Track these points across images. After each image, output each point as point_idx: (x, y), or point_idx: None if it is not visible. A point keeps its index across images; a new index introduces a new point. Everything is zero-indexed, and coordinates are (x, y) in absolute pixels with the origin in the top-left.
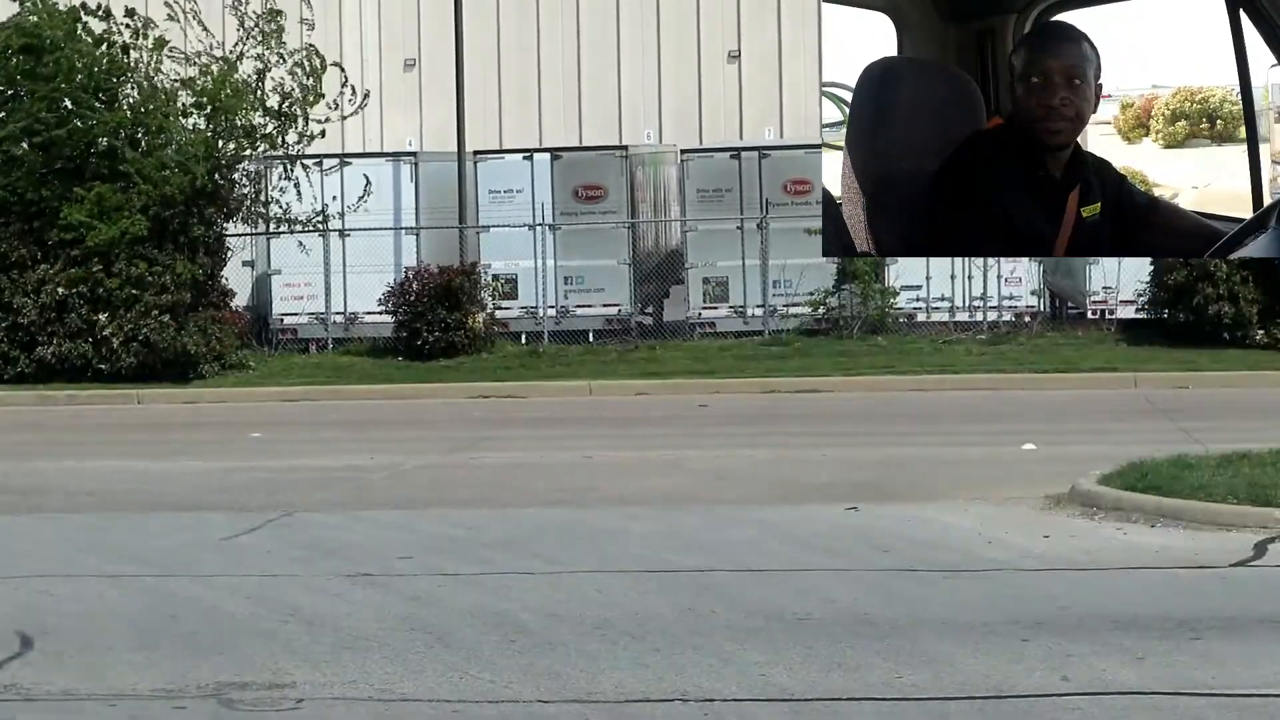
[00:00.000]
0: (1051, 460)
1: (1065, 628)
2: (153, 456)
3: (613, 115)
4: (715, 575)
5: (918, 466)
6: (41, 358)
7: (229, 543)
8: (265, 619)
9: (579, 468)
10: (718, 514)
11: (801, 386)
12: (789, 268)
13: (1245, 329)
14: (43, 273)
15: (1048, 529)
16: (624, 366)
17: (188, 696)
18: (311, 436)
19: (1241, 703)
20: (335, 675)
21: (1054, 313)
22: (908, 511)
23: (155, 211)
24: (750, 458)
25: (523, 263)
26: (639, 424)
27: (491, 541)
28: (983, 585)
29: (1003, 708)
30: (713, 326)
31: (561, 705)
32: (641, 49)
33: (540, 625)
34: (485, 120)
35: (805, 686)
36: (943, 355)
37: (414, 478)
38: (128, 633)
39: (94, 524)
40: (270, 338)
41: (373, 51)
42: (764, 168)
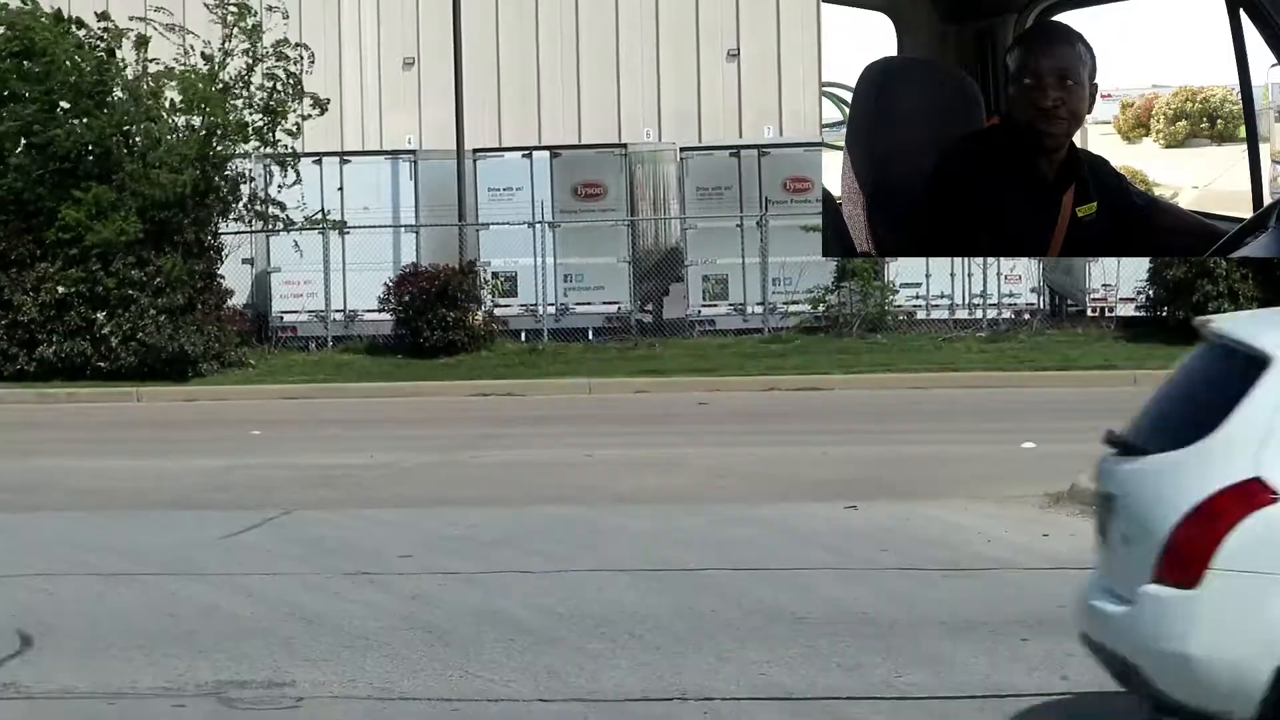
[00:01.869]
0: (1051, 458)
1: (1065, 626)
2: (152, 455)
3: (612, 113)
4: (715, 574)
5: (917, 464)
6: (41, 355)
7: (228, 541)
8: (265, 617)
9: (579, 466)
10: (717, 512)
11: (801, 384)
12: (788, 265)
13: None
14: (42, 271)
15: (1047, 527)
16: (623, 364)
17: (187, 695)
18: (311, 434)
19: None
20: (334, 674)
21: (1054, 310)
22: (907, 510)
23: (150, 213)
24: (750, 456)
25: (522, 261)
26: (638, 422)
27: (491, 540)
28: (982, 584)
29: (1002, 707)
30: (712, 324)
31: (561, 704)
32: (641, 47)
33: (540, 624)
34: (484, 118)
35: (805, 685)
36: (942, 353)
37: (414, 476)
38: (127, 631)
39: (94, 522)
40: (270, 336)
41: (371, 49)
42: (763, 166)
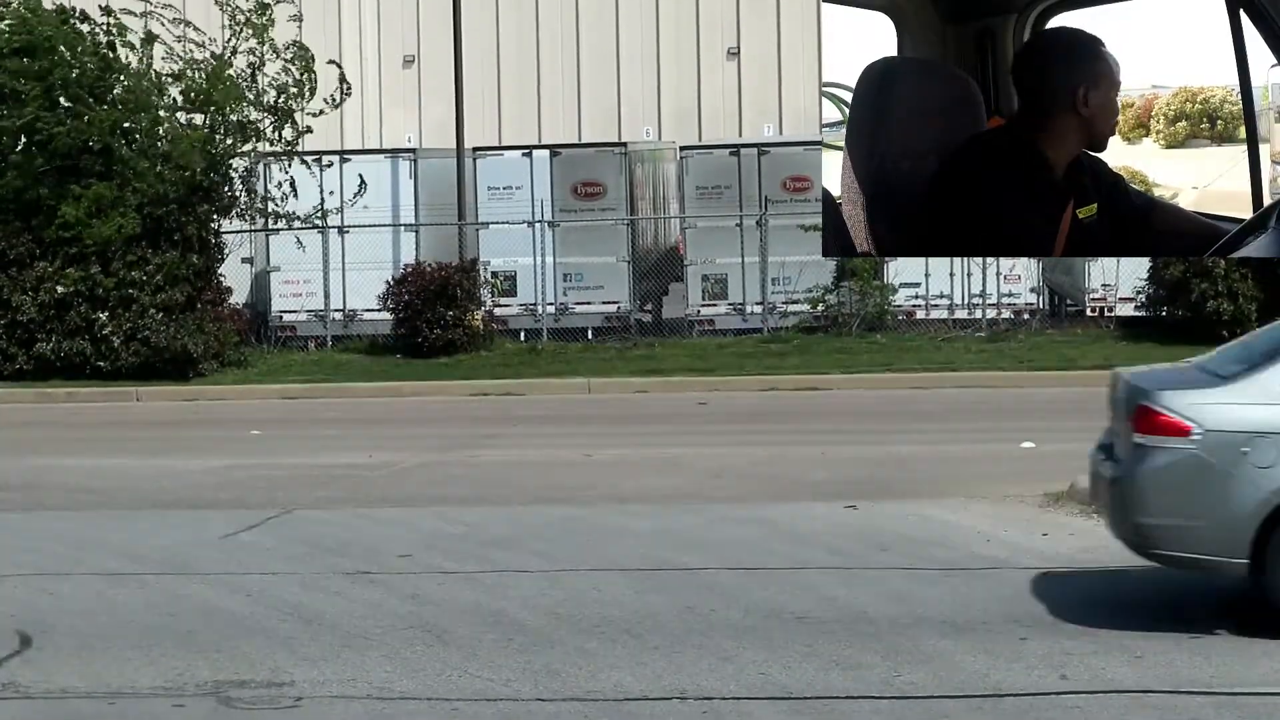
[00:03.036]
0: (1050, 458)
1: (1063, 626)
2: (152, 454)
3: (612, 112)
4: (714, 573)
5: (917, 464)
6: (41, 355)
7: (228, 540)
8: (264, 617)
9: (578, 465)
10: (716, 512)
11: (801, 384)
12: (788, 265)
13: (1244, 326)
14: (42, 270)
15: (1046, 527)
16: (623, 364)
17: (187, 695)
18: (310, 434)
19: (1241, 701)
20: (334, 673)
21: (1053, 310)
22: (907, 509)
23: (149, 210)
24: (749, 455)
25: (522, 260)
26: (638, 422)
27: (490, 539)
28: (981, 583)
29: (1001, 706)
30: (712, 324)
31: (560, 704)
32: (641, 46)
33: (539, 623)
34: (484, 117)
35: (804, 685)
36: (942, 353)
37: (413, 475)
38: (127, 630)
39: (93, 521)
40: (269, 335)
41: (372, 49)
42: (763, 165)
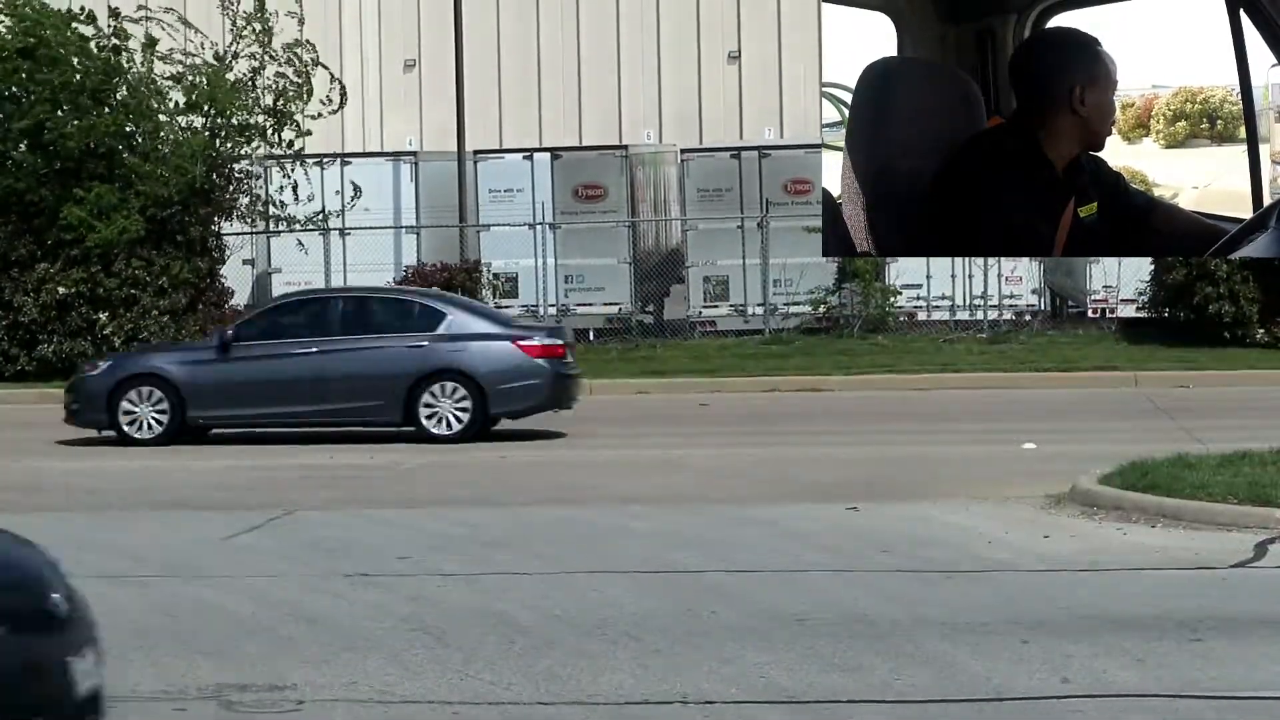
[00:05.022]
0: (1052, 459)
1: (1065, 628)
2: (152, 455)
3: (613, 115)
4: (715, 575)
5: (918, 465)
6: (42, 356)
7: (229, 542)
8: (266, 619)
9: (579, 466)
10: (718, 513)
11: (802, 385)
12: (789, 266)
13: (1246, 328)
14: (43, 271)
15: (1048, 529)
16: (624, 365)
17: (188, 698)
18: (310, 434)
19: (1241, 704)
20: (335, 676)
21: (1054, 311)
22: (908, 511)
23: (152, 212)
24: (750, 457)
25: (523, 262)
26: (639, 423)
27: (491, 541)
28: (983, 585)
29: (1003, 709)
30: (713, 325)
31: (561, 706)
32: (641, 48)
33: (540, 625)
34: (485, 120)
35: (805, 687)
36: (943, 354)
37: (414, 476)
38: (127, 632)
39: (94, 523)
40: None
41: (373, 51)
42: (764, 167)
